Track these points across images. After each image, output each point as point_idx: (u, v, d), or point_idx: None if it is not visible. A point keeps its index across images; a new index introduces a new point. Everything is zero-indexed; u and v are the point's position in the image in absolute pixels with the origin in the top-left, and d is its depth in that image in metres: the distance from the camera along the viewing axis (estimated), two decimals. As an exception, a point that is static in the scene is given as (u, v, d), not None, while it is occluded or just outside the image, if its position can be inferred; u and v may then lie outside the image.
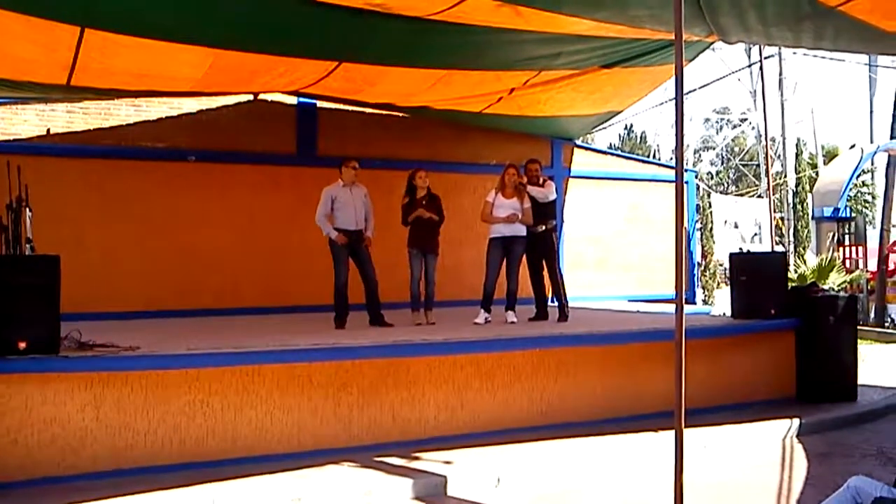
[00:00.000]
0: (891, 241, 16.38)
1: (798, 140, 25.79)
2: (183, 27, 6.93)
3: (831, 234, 16.25)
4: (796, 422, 7.05)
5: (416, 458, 5.94)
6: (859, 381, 8.28)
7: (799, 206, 24.05)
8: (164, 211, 9.89)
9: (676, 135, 4.87)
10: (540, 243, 8.46)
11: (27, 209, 6.17)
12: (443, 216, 8.35)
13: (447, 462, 5.85)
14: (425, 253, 8.24)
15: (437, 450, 6.13)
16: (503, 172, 8.45)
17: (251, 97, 10.42)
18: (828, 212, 16.64)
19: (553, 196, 8.59)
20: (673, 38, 4.93)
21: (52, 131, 9.57)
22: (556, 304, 8.59)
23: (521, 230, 8.32)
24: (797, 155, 25.09)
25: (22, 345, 5.22)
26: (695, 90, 23.81)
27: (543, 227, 8.42)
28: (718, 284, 19.47)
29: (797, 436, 6.94)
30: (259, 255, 10.24)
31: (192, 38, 7.12)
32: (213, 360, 5.79)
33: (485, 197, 8.53)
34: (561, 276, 8.69)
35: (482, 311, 8.29)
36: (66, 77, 7.61)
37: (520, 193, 8.37)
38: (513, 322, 8.19)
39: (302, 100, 10.60)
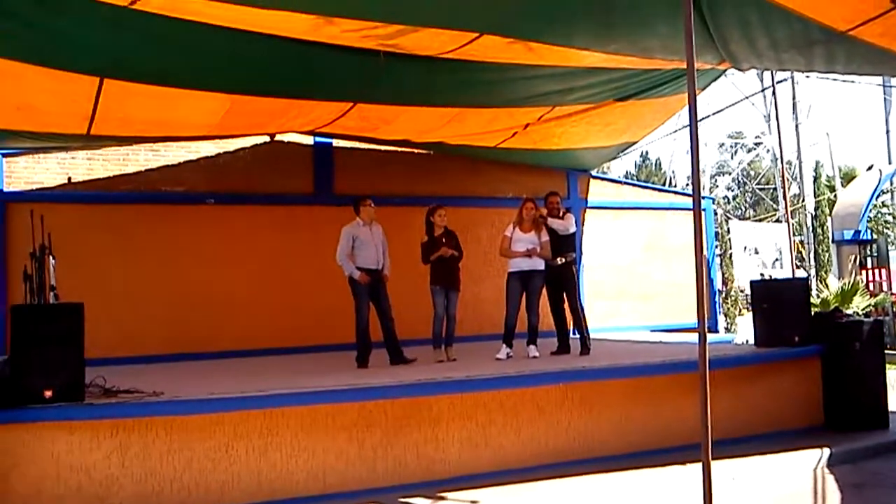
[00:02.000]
0: (914, 263, 16.21)
1: (817, 163, 25.60)
2: (200, 75, 7.05)
3: (853, 257, 16.08)
4: (826, 451, 6.94)
5: (441, 498, 5.90)
6: (889, 408, 8.13)
7: (819, 230, 23.82)
8: (184, 254, 9.98)
9: (692, 163, 4.87)
10: (560, 276, 8.45)
11: (50, 257, 6.24)
12: (461, 251, 8.38)
13: (473, 501, 5.81)
14: (448, 290, 8.25)
15: (462, 489, 6.07)
16: (521, 207, 8.46)
17: (268, 139, 10.54)
18: (848, 234, 16.49)
19: (573, 228, 8.58)
20: (685, 67, 4.96)
21: (72, 179, 9.72)
22: (577, 336, 8.54)
23: (539, 264, 8.31)
24: (816, 178, 24.87)
25: (48, 393, 5.26)
26: (708, 116, 23.74)
27: (563, 260, 8.42)
28: (740, 311, 19.28)
29: (828, 466, 6.81)
30: (279, 296, 10.29)
31: (209, 85, 7.23)
32: (236, 403, 5.79)
33: (503, 231, 8.55)
34: (582, 308, 8.66)
35: (504, 346, 8.26)
36: (87, 127, 7.73)
37: (538, 227, 8.37)
38: (535, 357, 8.15)
39: (318, 139, 10.71)
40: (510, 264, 8.39)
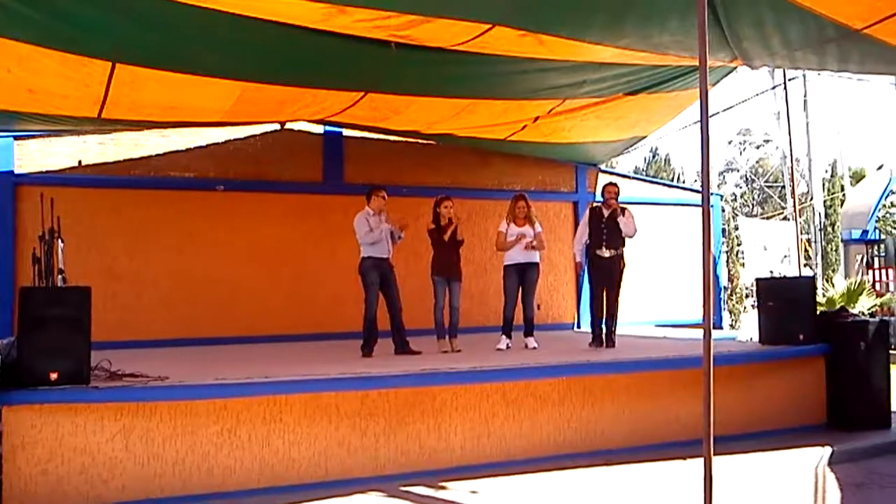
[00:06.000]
0: (922, 264, 16.15)
1: (834, 161, 25.49)
2: (211, 62, 7.05)
3: (860, 256, 16.05)
4: (828, 450, 6.94)
5: (443, 488, 5.92)
6: (892, 408, 8.12)
7: (829, 229, 23.78)
8: (192, 240, 10.02)
9: (702, 160, 4.88)
10: (609, 269, 8.41)
11: (59, 240, 6.28)
12: (462, 240, 8.44)
13: (473, 492, 5.83)
14: (450, 280, 8.29)
15: (464, 479, 6.10)
16: (513, 202, 8.56)
17: (278, 126, 10.55)
18: (856, 234, 16.44)
19: (634, 231, 8.47)
20: (696, 63, 4.95)
21: (83, 162, 9.74)
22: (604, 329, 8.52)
23: (535, 256, 8.54)
24: (832, 176, 24.78)
25: (53, 375, 5.29)
26: (718, 113, 23.68)
27: (612, 252, 8.37)
28: (745, 308, 19.27)
29: (829, 464, 6.80)
30: (286, 283, 10.34)
31: (220, 72, 7.24)
32: (241, 390, 5.82)
33: (497, 227, 8.71)
34: (618, 303, 8.56)
35: (503, 336, 8.45)
36: (98, 111, 7.76)
37: (530, 220, 8.49)
38: (534, 348, 8.27)
39: (328, 128, 10.72)
40: (506, 257, 8.57)
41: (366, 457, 6.14)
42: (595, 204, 8.82)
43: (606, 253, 8.37)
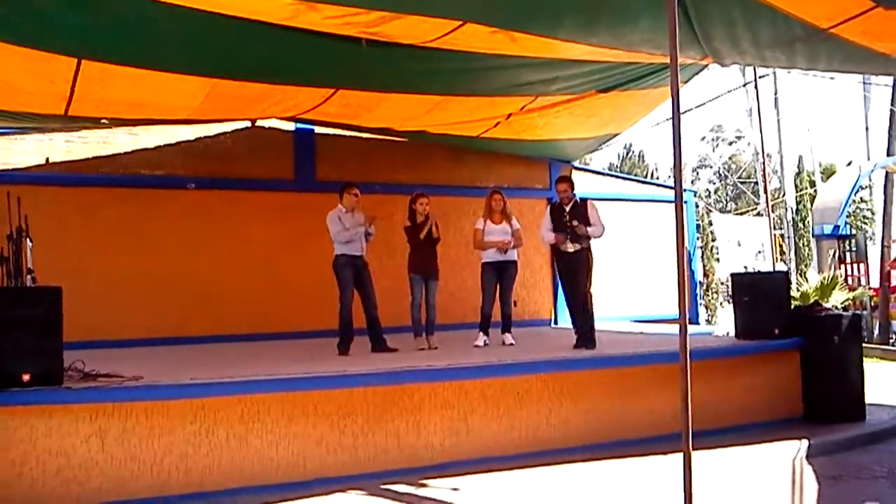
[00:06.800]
0: (892, 258, 16.38)
1: (801, 158, 25.83)
2: (180, 58, 6.96)
3: (832, 251, 16.24)
4: (805, 443, 6.99)
5: (423, 486, 5.90)
6: (866, 401, 8.20)
7: (800, 224, 24.05)
8: (163, 238, 9.90)
9: (674, 157, 4.89)
10: (575, 263, 8.03)
11: (28, 240, 6.17)
12: (440, 237, 8.40)
13: (454, 489, 5.81)
14: (427, 278, 8.25)
15: (444, 476, 6.08)
16: (489, 198, 8.54)
17: (248, 124, 10.45)
18: (828, 229, 16.64)
19: (602, 231, 8.14)
20: (668, 61, 4.97)
21: (50, 160, 9.58)
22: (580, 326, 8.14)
23: (512, 254, 8.54)
24: (799, 173, 25.08)
25: (26, 377, 5.18)
26: (691, 109, 23.82)
27: (576, 247, 8.01)
28: (721, 303, 19.43)
29: (806, 457, 6.85)
30: (260, 281, 10.24)
31: (188, 68, 7.16)
32: (218, 389, 5.75)
33: (474, 225, 8.72)
34: (590, 299, 8.15)
35: (481, 333, 8.44)
36: (64, 107, 7.65)
37: (507, 217, 8.48)
38: (511, 344, 8.26)
39: (299, 126, 10.64)
40: (484, 255, 8.54)
41: (345, 455, 6.09)
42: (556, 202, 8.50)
43: (570, 248, 8.05)
